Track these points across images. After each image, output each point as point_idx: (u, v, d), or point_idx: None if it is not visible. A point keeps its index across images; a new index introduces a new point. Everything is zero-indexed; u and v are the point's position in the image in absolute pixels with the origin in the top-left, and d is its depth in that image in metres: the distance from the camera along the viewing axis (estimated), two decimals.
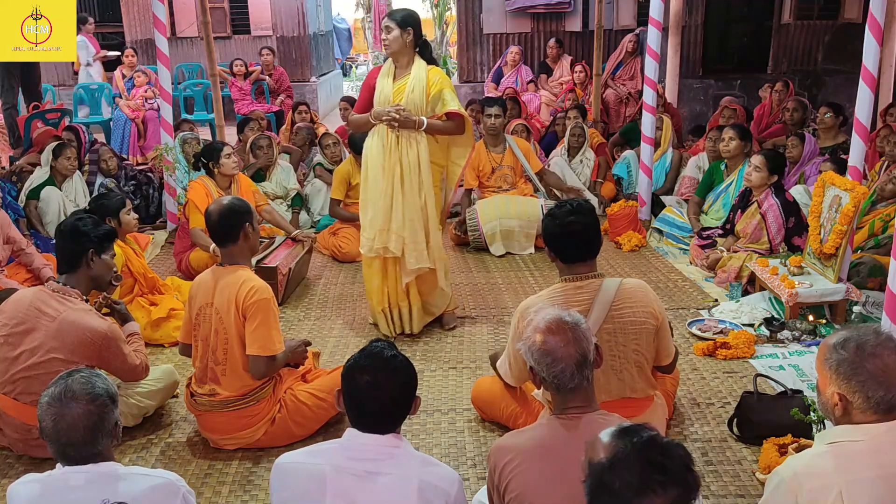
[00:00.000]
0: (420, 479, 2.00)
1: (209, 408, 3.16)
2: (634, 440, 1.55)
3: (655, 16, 5.96)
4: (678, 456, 1.54)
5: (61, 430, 1.99)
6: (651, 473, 1.49)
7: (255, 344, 3.07)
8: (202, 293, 3.17)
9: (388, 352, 2.11)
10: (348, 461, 2.03)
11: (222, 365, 3.12)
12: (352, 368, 2.09)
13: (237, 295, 3.07)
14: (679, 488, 1.50)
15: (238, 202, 3.29)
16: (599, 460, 1.56)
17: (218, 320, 3.10)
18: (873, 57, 4.00)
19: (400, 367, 2.09)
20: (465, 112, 4.17)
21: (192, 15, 11.71)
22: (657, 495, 1.48)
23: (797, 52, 10.81)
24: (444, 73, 4.27)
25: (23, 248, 4.67)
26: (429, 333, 4.36)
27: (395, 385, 2.05)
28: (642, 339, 2.78)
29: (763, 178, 4.93)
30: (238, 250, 3.21)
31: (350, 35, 19.48)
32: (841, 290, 4.24)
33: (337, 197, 5.97)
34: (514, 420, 3.19)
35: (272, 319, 3.11)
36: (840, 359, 1.89)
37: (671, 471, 1.50)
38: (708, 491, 2.87)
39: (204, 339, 3.15)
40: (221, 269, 3.19)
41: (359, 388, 2.05)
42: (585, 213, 2.83)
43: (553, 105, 8.89)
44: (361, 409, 2.07)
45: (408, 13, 4.10)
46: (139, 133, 9.07)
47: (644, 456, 1.52)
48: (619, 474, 1.51)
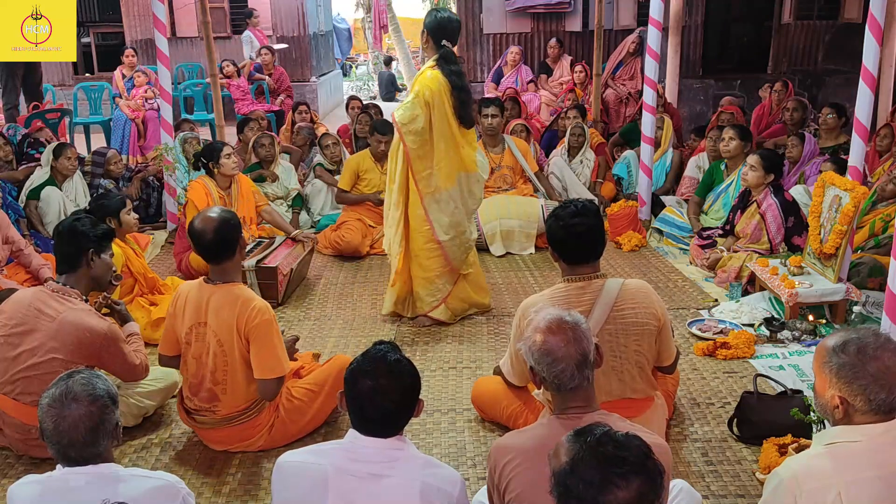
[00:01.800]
0: (422, 481, 2.00)
1: (211, 426, 3.13)
2: (588, 439, 1.55)
3: (655, 16, 5.96)
4: (634, 446, 1.53)
5: (62, 431, 1.99)
6: (609, 468, 1.49)
7: (263, 368, 3.00)
8: (191, 311, 3.03)
9: (391, 356, 2.08)
10: (350, 463, 2.02)
11: (222, 385, 3.05)
12: (354, 372, 2.07)
13: (238, 318, 2.96)
14: (640, 477, 1.49)
15: (227, 213, 3.11)
16: (561, 466, 1.55)
17: (216, 343, 3.00)
18: (873, 57, 4.00)
19: (404, 372, 2.07)
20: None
21: (192, 15, 11.71)
22: (620, 489, 1.48)
23: (797, 52, 10.81)
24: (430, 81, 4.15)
25: (21, 249, 4.67)
26: (429, 333, 4.37)
27: (398, 390, 2.04)
28: (644, 339, 2.78)
29: (759, 177, 4.93)
30: (234, 266, 3.09)
31: (350, 35, 19.49)
32: (841, 290, 4.24)
33: (343, 187, 6.03)
34: (514, 420, 3.18)
35: (276, 338, 3.04)
36: (841, 362, 1.88)
37: (628, 461, 1.50)
38: (708, 491, 2.87)
39: (196, 358, 3.06)
40: (211, 286, 3.03)
41: (361, 393, 2.04)
42: (590, 214, 2.81)
43: (553, 105, 8.89)
44: (364, 414, 2.06)
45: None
46: (139, 133, 9.07)
47: (599, 452, 1.52)
48: (579, 475, 1.51)
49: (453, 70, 4.13)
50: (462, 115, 4.15)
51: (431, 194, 4.20)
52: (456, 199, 4.25)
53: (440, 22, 4.13)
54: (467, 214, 4.35)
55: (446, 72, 4.11)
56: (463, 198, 4.28)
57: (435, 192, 4.19)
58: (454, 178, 4.20)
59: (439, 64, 4.12)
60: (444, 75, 4.10)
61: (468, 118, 4.22)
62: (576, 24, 10.56)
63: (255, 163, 6.53)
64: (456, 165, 4.20)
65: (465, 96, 4.17)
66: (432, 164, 4.16)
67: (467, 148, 4.25)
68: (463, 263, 4.43)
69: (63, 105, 9.33)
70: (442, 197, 4.21)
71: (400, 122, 4.10)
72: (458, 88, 4.11)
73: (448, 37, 4.15)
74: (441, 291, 4.38)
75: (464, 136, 4.23)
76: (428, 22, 4.15)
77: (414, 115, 4.07)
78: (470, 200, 4.34)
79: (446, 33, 4.14)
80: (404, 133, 4.10)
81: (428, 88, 4.07)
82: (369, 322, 4.57)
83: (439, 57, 4.12)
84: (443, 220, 4.24)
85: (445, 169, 4.16)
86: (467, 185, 4.27)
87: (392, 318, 4.57)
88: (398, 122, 4.11)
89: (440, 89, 4.07)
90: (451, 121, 4.13)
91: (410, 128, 4.08)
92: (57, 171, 5.93)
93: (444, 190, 4.19)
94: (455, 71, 4.14)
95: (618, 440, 1.54)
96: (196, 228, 3.05)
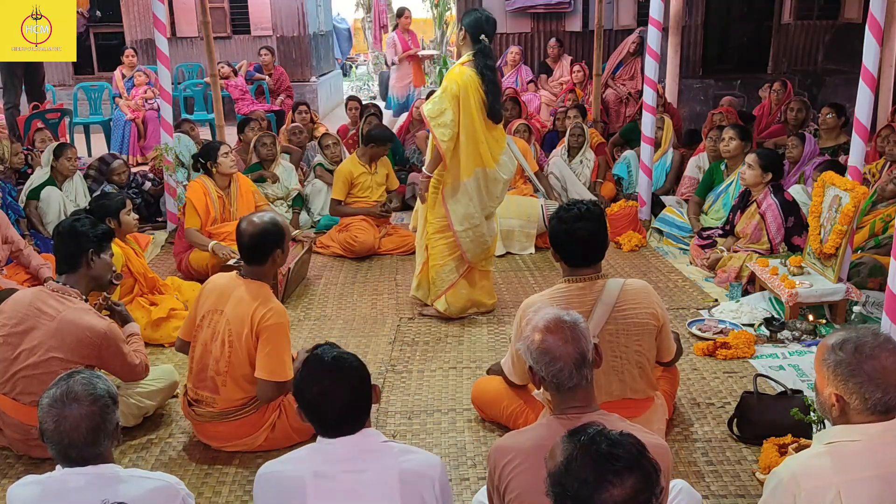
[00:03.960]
0: (400, 468, 1.99)
1: (209, 419, 3.14)
2: (582, 438, 1.55)
3: (655, 16, 5.96)
4: (628, 444, 1.53)
5: (63, 431, 1.98)
6: (602, 465, 1.49)
7: (266, 369, 3.02)
8: (214, 297, 3.11)
9: (329, 354, 2.07)
10: (325, 465, 2.01)
11: (223, 376, 3.07)
12: (299, 384, 2.06)
13: (253, 314, 3.00)
14: (635, 474, 1.48)
15: (273, 226, 3.14)
16: (556, 467, 1.55)
17: (227, 332, 3.04)
18: (873, 57, 4.00)
19: (345, 367, 2.06)
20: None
21: (192, 15, 11.71)
22: (615, 486, 1.47)
23: (797, 52, 10.81)
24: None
25: (21, 249, 4.66)
26: (429, 333, 4.37)
27: (344, 386, 2.03)
28: (644, 339, 2.78)
29: (756, 176, 4.93)
30: (264, 272, 3.16)
31: (350, 35, 19.48)
32: (841, 290, 4.23)
33: (338, 197, 5.97)
34: (514, 420, 3.18)
35: (285, 344, 3.06)
36: (838, 360, 1.88)
37: (622, 458, 1.49)
38: (708, 491, 2.87)
39: (203, 344, 3.10)
40: (242, 279, 3.12)
41: (312, 400, 2.03)
42: (594, 217, 2.81)
43: (553, 105, 8.89)
44: (322, 418, 2.05)
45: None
46: (139, 133, 9.08)
47: (593, 451, 1.51)
48: (574, 475, 1.51)
49: (488, 65, 4.28)
50: (492, 108, 4.28)
51: (451, 185, 4.34)
52: (471, 191, 4.33)
53: (478, 20, 4.31)
54: (483, 211, 4.40)
55: (481, 66, 4.25)
56: (480, 193, 4.36)
57: (454, 182, 4.33)
58: (471, 171, 4.30)
59: (476, 58, 4.25)
60: (478, 70, 4.24)
61: (497, 112, 4.33)
62: (576, 24, 10.56)
63: (255, 162, 6.53)
64: (475, 160, 4.30)
65: (497, 90, 4.33)
66: (459, 155, 4.30)
67: (492, 143, 4.35)
68: (481, 259, 4.53)
69: (63, 105, 9.33)
70: (458, 188, 4.33)
71: (429, 116, 4.26)
72: (491, 82, 4.26)
73: (487, 33, 4.30)
74: (448, 278, 4.46)
75: (490, 131, 4.34)
76: (467, 21, 4.30)
77: (442, 109, 4.22)
78: (487, 198, 4.40)
79: (485, 29, 4.29)
80: (433, 126, 4.25)
81: (455, 83, 4.22)
82: (369, 322, 4.57)
83: (477, 51, 4.25)
84: (458, 211, 4.36)
85: (464, 161, 4.28)
86: (484, 182, 4.35)
87: (392, 318, 4.58)
88: (427, 116, 4.27)
89: (468, 84, 4.20)
90: (476, 115, 4.25)
91: (440, 121, 4.23)
92: (57, 172, 5.93)
93: (461, 181, 4.31)
94: (490, 66, 4.28)
95: (611, 438, 1.54)
96: (239, 226, 3.17)
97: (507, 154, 4.46)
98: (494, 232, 4.57)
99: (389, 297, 4.96)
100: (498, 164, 4.37)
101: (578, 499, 1.49)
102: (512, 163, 4.52)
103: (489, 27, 4.31)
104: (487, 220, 4.46)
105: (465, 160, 4.27)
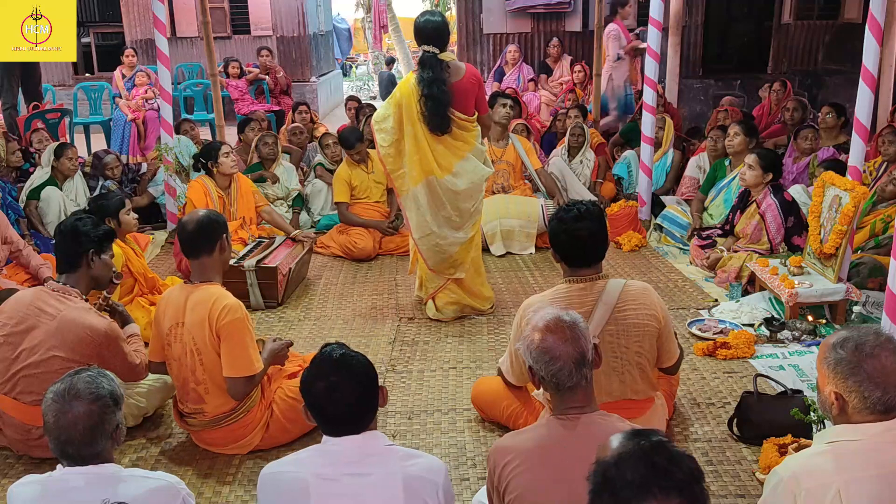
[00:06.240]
0: (404, 473, 1.98)
1: (201, 427, 3.14)
2: (642, 442, 1.52)
3: (655, 16, 5.96)
4: (686, 466, 1.48)
5: (61, 427, 1.99)
6: (653, 476, 1.45)
7: (232, 366, 3.00)
8: (171, 312, 3.07)
9: (337, 352, 2.07)
10: (328, 467, 2.00)
11: (204, 384, 3.06)
12: (306, 380, 2.06)
13: (209, 314, 2.97)
14: (682, 498, 1.44)
15: (214, 213, 3.24)
16: (606, 457, 1.53)
17: (191, 340, 3.01)
18: (873, 57, 4.00)
19: (354, 365, 2.05)
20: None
21: (192, 15, 11.72)
22: (656, 499, 1.42)
23: (797, 52, 10.81)
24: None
25: (20, 249, 4.66)
26: (429, 333, 4.37)
27: (352, 383, 2.02)
28: (644, 340, 2.78)
29: (757, 176, 4.93)
30: (211, 263, 3.11)
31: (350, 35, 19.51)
32: (841, 290, 4.24)
33: (342, 199, 5.93)
34: (514, 420, 3.18)
35: (248, 338, 3.03)
36: (838, 358, 1.89)
37: (675, 478, 1.45)
38: (708, 491, 2.86)
39: (178, 360, 3.08)
40: (191, 286, 3.09)
41: (318, 396, 2.02)
42: (594, 218, 2.80)
43: (553, 105, 8.90)
44: (327, 415, 2.04)
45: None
46: (139, 133, 9.07)
47: (649, 458, 1.48)
48: (621, 472, 1.47)
49: (423, 77, 4.11)
50: (428, 121, 4.12)
51: (406, 192, 4.28)
52: (420, 200, 4.23)
53: (416, 25, 4.17)
54: (436, 221, 4.25)
55: (418, 77, 4.13)
56: (430, 203, 4.23)
57: (407, 190, 4.28)
58: (419, 180, 4.21)
59: (418, 67, 4.18)
60: (417, 80, 4.12)
61: (434, 125, 4.14)
62: (576, 24, 10.57)
63: (256, 162, 6.53)
64: (423, 168, 4.19)
65: (431, 104, 4.09)
66: (403, 163, 4.24)
67: (441, 152, 4.18)
68: (445, 267, 4.40)
69: (63, 105, 9.33)
70: (409, 195, 4.26)
71: (374, 120, 4.29)
72: (424, 96, 4.09)
73: (426, 40, 4.12)
74: (436, 281, 4.45)
75: (439, 142, 4.18)
76: (414, 25, 4.18)
77: (386, 115, 4.23)
78: (449, 208, 4.24)
79: (422, 36, 4.14)
80: (376, 131, 4.25)
81: (399, 90, 4.22)
82: (369, 322, 4.57)
83: (420, 60, 4.18)
84: (413, 219, 4.31)
85: (411, 170, 4.20)
86: (436, 191, 4.21)
87: (392, 318, 4.58)
88: (372, 120, 4.30)
89: (410, 93, 4.13)
90: (418, 124, 4.13)
91: (382, 126, 4.24)
92: (58, 171, 5.94)
93: (410, 188, 4.24)
94: (425, 78, 4.09)
95: (673, 454, 1.49)
96: (181, 220, 3.19)
97: (469, 162, 4.23)
98: (463, 240, 4.34)
99: (389, 297, 4.96)
100: (452, 173, 4.19)
101: (617, 496, 1.45)
102: (478, 171, 4.26)
103: (427, 32, 4.10)
104: (456, 230, 4.31)
105: (412, 169, 4.18)
